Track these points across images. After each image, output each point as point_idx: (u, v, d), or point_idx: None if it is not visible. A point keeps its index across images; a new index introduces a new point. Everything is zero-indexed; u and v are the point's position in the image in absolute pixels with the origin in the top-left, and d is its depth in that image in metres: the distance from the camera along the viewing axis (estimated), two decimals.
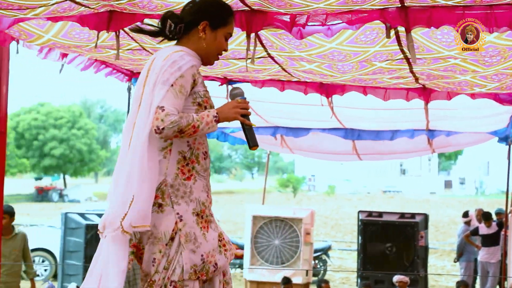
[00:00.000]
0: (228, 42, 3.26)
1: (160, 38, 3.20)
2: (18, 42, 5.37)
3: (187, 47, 3.11)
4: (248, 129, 3.13)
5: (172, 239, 2.97)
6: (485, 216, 11.37)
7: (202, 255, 2.99)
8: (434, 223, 27.74)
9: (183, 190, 3.01)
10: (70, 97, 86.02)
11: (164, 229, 2.98)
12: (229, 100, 3.21)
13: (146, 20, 4.44)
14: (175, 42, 3.21)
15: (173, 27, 3.14)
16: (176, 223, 2.97)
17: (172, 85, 2.93)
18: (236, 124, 3.21)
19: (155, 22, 3.98)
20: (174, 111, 2.90)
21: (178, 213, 2.98)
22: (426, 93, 6.51)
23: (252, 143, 3.13)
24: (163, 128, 2.86)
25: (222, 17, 3.16)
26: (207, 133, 3.04)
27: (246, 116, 3.12)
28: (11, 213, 7.41)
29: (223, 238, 3.16)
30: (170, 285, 2.95)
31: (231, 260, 3.19)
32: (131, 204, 2.89)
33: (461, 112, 7.94)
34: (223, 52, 3.23)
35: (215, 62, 3.28)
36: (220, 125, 3.13)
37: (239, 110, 3.09)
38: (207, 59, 3.19)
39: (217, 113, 3.01)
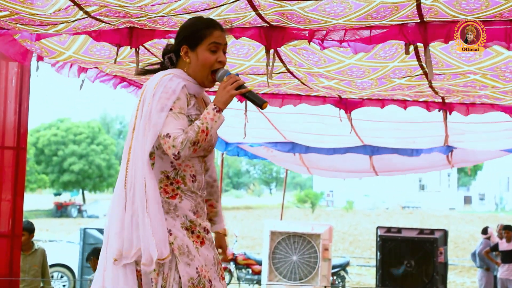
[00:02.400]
0: (247, 58, 3.26)
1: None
2: (39, 59, 5.41)
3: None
4: (249, 94, 3.08)
5: None
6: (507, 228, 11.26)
7: (197, 268, 2.97)
8: (454, 239, 27.53)
9: (167, 207, 2.99)
10: (89, 113, 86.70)
11: None
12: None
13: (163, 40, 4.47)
14: None
15: (165, 59, 3.21)
16: None
17: (171, 109, 2.94)
18: (254, 138, 3.20)
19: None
20: (179, 132, 2.89)
21: (167, 228, 2.96)
22: (445, 107, 6.49)
23: (261, 102, 3.07)
24: (178, 153, 2.87)
25: (196, 34, 3.11)
26: (218, 127, 3.00)
27: (240, 86, 3.06)
28: (30, 230, 7.44)
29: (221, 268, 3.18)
30: None
31: None
32: (153, 237, 2.89)
33: (480, 127, 7.90)
34: (217, 64, 3.13)
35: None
36: (237, 139, 3.13)
37: (231, 86, 3.04)
38: (201, 80, 3.15)
39: (215, 104, 3.00)
